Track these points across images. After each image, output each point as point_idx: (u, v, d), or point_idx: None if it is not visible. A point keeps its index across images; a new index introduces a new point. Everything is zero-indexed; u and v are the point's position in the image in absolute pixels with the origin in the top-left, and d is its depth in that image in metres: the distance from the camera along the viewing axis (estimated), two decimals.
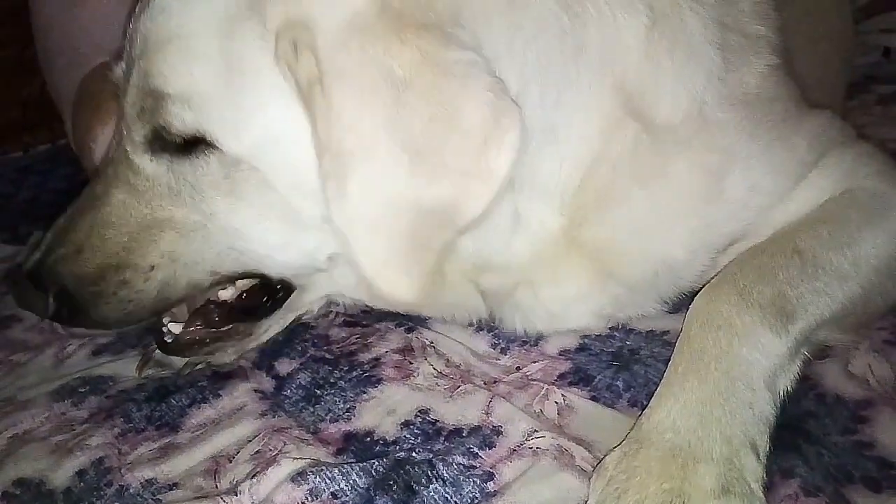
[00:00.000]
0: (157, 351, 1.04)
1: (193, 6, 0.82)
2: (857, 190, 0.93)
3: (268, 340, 1.07)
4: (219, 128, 0.82)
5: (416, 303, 0.84)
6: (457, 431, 0.87)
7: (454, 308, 1.00)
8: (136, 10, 0.90)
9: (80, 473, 0.89)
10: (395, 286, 0.79)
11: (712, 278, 0.88)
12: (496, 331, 1.04)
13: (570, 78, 0.84)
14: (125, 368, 1.08)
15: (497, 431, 0.86)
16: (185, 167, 0.87)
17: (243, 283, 0.99)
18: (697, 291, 0.88)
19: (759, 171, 0.90)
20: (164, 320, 1.01)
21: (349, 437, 0.89)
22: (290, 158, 0.83)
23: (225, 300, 1.00)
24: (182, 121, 0.82)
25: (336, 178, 0.76)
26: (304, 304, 1.04)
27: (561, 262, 0.92)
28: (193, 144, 0.84)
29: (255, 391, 0.98)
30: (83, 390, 1.04)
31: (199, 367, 1.05)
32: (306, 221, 0.86)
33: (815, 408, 0.83)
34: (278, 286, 0.98)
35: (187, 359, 1.04)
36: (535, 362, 0.98)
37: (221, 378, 1.02)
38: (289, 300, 1.00)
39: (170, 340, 1.00)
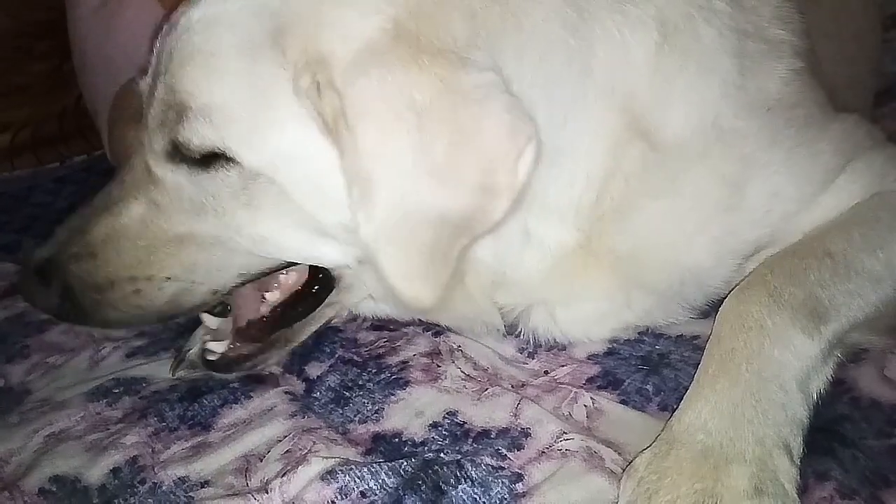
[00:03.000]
0: (191, 351, 1.06)
1: (218, 27, 0.84)
2: (887, 193, 0.92)
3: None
4: (238, 144, 0.83)
5: (435, 308, 0.85)
6: (485, 433, 0.87)
7: (472, 321, 1.00)
8: (163, 28, 0.92)
9: (115, 471, 0.90)
10: (417, 293, 0.81)
11: (742, 281, 0.88)
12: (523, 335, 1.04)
13: (576, 100, 0.85)
14: (158, 370, 1.09)
15: (525, 433, 0.86)
16: (205, 179, 0.87)
17: (274, 297, 1.01)
18: (726, 296, 0.87)
19: (781, 177, 0.90)
20: (206, 337, 1.03)
21: (378, 437, 0.90)
22: (309, 172, 0.84)
23: (264, 315, 1.01)
24: (202, 136, 0.83)
25: (364, 202, 0.78)
26: (344, 303, 1.03)
27: (578, 279, 0.92)
28: (212, 158, 0.85)
29: (286, 393, 0.99)
30: (117, 391, 1.06)
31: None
32: (328, 230, 0.87)
33: (850, 411, 0.82)
34: (314, 288, 0.99)
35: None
36: (563, 366, 0.98)
37: (252, 380, 1.03)
38: (327, 298, 1.01)
39: (215, 359, 1.01)
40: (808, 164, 0.91)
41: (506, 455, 0.83)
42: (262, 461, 0.88)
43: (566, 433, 0.84)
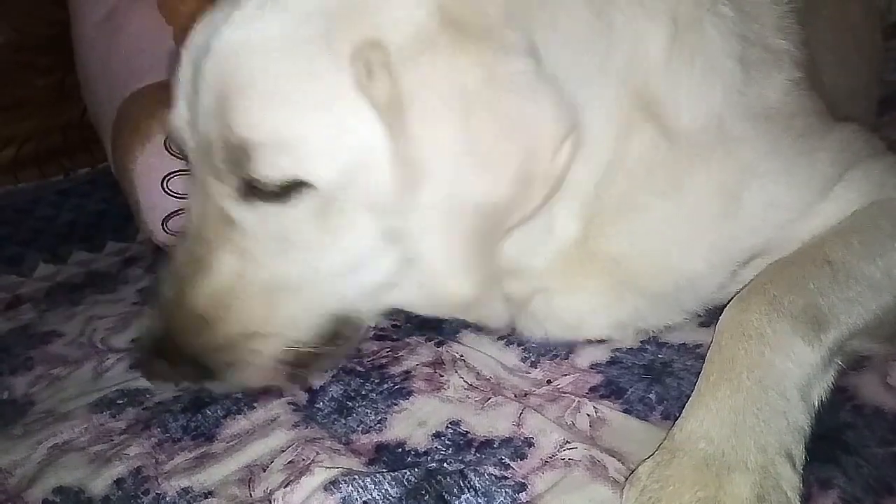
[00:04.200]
0: None
1: (265, 48, 0.81)
2: (886, 201, 0.92)
3: None
4: (312, 166, 0.81)
5: (475, 300, 0.86)
6: (488, 443, 0.87)
7: (484, 314, 1.00)
8: (184, 51, 0.89)
9: (118, 482, 0.90)
10: (457, 284, 0.83)
11: (741, 289, 0.88)
12: (526, 345, 1.04)
13: (596, 80, 0.85)
14: None
15: (529, 443, 0.86)
16: (286, 210, 0.84)
17: None
18: (727, 303, 0.88)
19: (778, 187, 0.90)
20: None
21: (381, 447, 0.90)
22: (376, 181, 0.82)
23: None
24: (279, 168, 0.81)
25: (411, 189, 0.79)
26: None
27: (576, 272, 0.92)
28: (291, 189, 0.83)
29: (289, 403, 0.99)
30: (121, 402, 1.06)
31: None
32: (387, 238, 0.86)
33: (853, 419, 0.81)
34: None
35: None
36: (565, 375, 0.98)
37: (256, 391, 1.03)
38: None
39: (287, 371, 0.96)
40: (806, 174, 0.91)
41: (509, 465, 0.83)
42: (265, 471, 0.88)
43: (569, 442, 0.84)
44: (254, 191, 0.84)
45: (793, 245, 0.91)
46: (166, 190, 1.42)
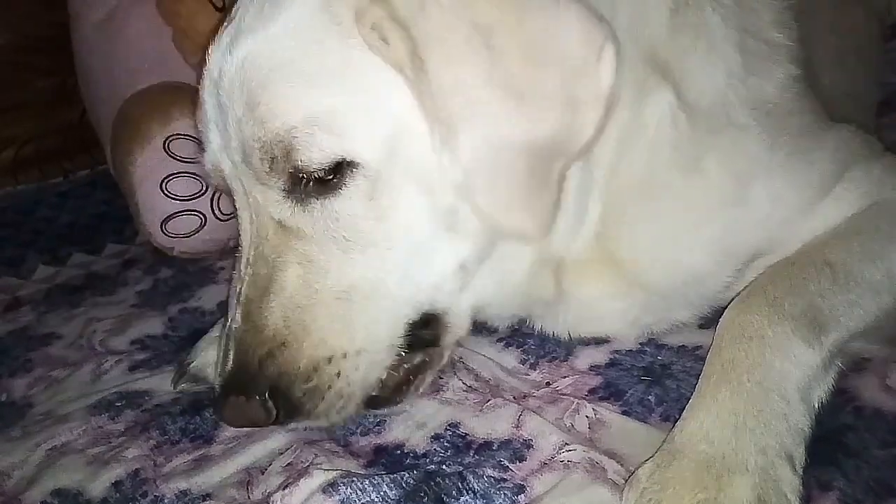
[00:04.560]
0: (193, 364, 1.06)
1: (274, 47, 0.79)
2: (885, 202, 0.92)
3: None
4: (351, 140, 0.78)
5: (542, 236, 0.82)
6: (487, 445, 0.87)
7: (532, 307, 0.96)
8: (201, 94, 0.87)
9: (117, 484, 0.90)
10: (521, 223, 0.79)
11: (742, 291, 0.88)
12: (525, 346, 1.04)
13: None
14: (161, 383, 1.10)
15: (528, 445, 0.85)
16: (337, 202, 0.81)
17: None
18: (727, 306, 0.87)
19: (780, 182, 0.89)
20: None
21: (379, 450, 0.90)
22: (418, 149, 0.79)
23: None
24: (319, 148, 0.77)
25: (448, 143, 0.75)
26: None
27: (590, 262, 0.91)
28: (337, 171, 0.79)
29: None
30: (120, 404, 1.06)
31: None
32: (447, 220, 0.82)
33: (853, 421, 0.81)
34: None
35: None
36: (564, 377, 0.98)
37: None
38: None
39: (375, 394, 0.88)
40: (806, 172, 0.91)
41: (508, 467, 0.83)
42: (263, 474, 0.88)
43: (568, 444, 0.84)
44: (303, 188, 0.81)
45: (794, 245, 0.91)
46: (166, 192, 1.42)
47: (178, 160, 1.41)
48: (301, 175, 0.80)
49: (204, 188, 1.41)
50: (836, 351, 0.81)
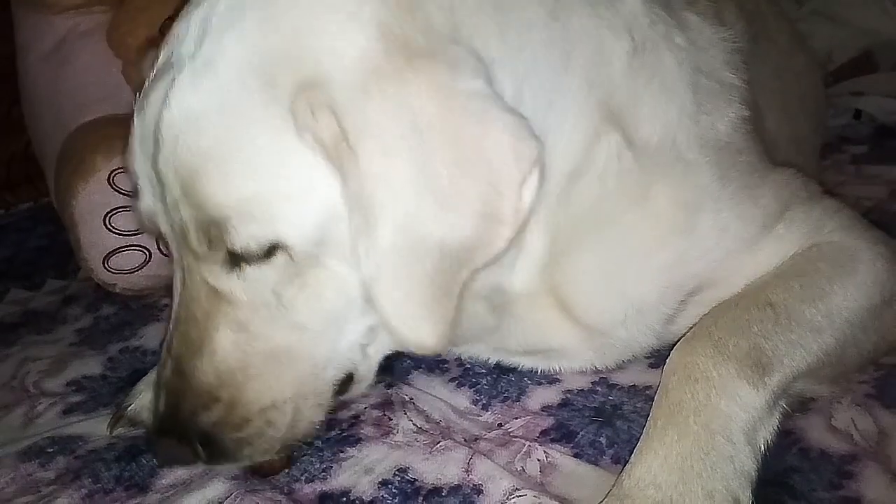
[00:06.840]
0: (130, 408, 1.02)
1: (208, 122, 0.76)
2: (824, 244, 0.93)
3: None
4: (285, 225, 0.78)
5: (440, 349, 0.81)
6: (436, 490, 0.85)
7: (472, 334, 0.96)
8: (133, 145, 0.85)
9: None
10: (420, 334, 0.78)
11: (687, 332, 0.88)
12: (478, 386, 1.03)
13: (559, 83, 0.84)
14: (96, 427, 1.05)
15: (478, 490, 0.84)
16: (268, 271, 0.81)
17: None
18: (673, 346, 0.88)
19: (727, 214, 0.91)
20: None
21: (324, 497, 0.87)
22: (342, 231, 0.78)
23: None
24: (253, 235, 0.77)
25: (365, 231, 0.75)
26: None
27: (536, 296, 0.91)
28: (270, 252, 0.79)
29: None
30: (51, 450, 1.01)
31: None
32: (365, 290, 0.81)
33: (799, 463, 0.82)
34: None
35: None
36: (516, 418, 0.96)
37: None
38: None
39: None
40: (751, 207, 0.92)
41: None
42: None
43: (518, 490, 0.82)
44: (238, 258, 0.81)
45: (736, 279, 0.92)
46: (109, 227, 1.37)
47: (122, 194, 1.37)
48: (237, 256, 0.80)
49: None
50: (781, 392, 0.81)
